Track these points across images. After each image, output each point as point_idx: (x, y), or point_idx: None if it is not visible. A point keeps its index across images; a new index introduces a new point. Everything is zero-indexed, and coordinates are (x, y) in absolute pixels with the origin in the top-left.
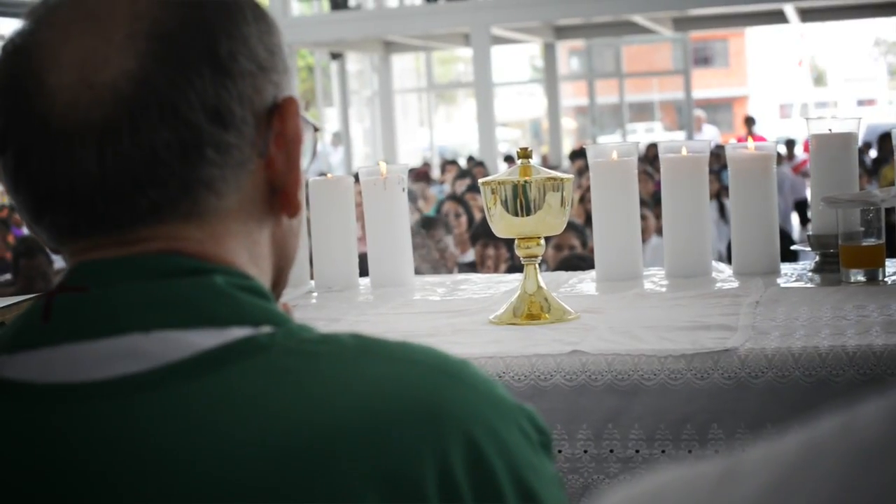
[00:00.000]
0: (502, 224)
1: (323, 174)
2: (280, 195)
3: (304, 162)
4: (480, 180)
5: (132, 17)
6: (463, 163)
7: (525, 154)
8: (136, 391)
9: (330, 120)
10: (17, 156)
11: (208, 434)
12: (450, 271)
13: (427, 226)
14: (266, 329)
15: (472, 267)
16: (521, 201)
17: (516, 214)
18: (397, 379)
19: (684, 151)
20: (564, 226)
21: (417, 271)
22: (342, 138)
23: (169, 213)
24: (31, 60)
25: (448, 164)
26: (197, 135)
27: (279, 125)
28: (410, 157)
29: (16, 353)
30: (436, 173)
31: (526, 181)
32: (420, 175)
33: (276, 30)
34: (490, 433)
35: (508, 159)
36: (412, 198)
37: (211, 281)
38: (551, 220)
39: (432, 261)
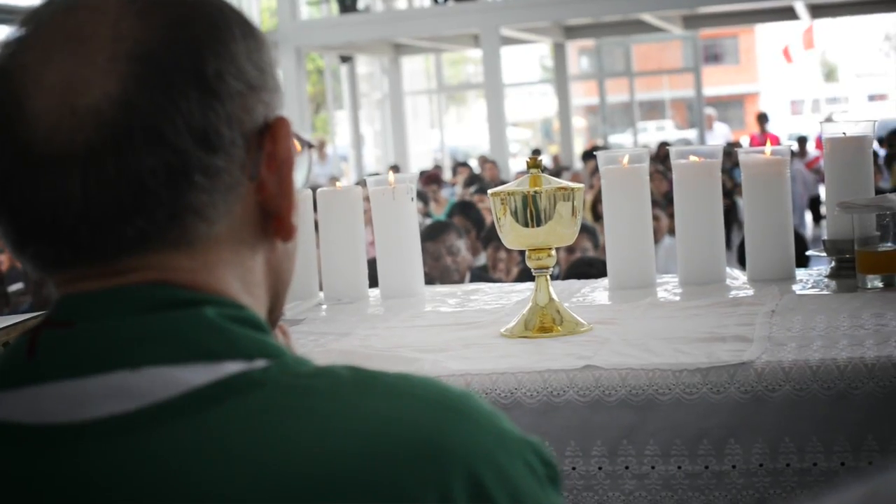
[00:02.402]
0: (512, 235)
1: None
2: (273, 219)
3: (299, 180)
4: (490, 191)
5: (115, 39)
6: (474, 163)
7: (535, 164)
8: (123, 432)
9: (340, 123)
10: None
11: (200, 477)
12: (462, 275)
13: (438, 231)
14: (260, 363)
15: (484, 270)
16: (531, 212)
17: (526, 225)
18: (396, 415)
19: (696, 158)
20: (576, 236)
21: (429, 278)
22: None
23: (157, 242)
24: (11, 84)
25: (459, 165)
26: (184, 160)
27: (270, 146)
28: (421, 159)
29: (1, 391)
30: (447, 175)
31: (536, 191)
32: (431, 178)
33: (266, 46)
34: (494, 469)
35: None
36: (424, 200)
37: (202, 313)
38: (562, 230)
39: (443, 267)
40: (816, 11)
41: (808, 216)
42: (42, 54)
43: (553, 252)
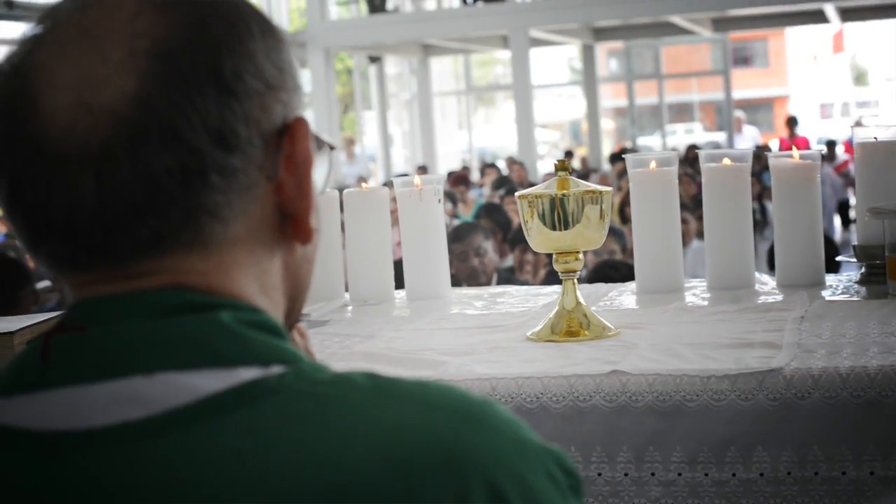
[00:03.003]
0: (540, 238)
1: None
2: (291, 221)
3: (320, 183)
4: (517, 193)
5: (132, 36)
6: (502, 165)
7: (563, 166)
8: (135, 440)
9: (369, 123)
10: (11, 183)
11: (212, 487)
12: (489, 277)
13: (465, 232)
14: (276, 369)
15: (511, 272)
16: (558, 215)
17: (554, 228)
18: (415, 425)
19: (727, 161)
20: (603, 240)
21: (455, 279)
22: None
23: (171, 243)
24: (26, 82)
25: (487, 167)
26: (199, 159)
27: (289, 147)
28: (449, 159)
29: (13, 395)
30: (475, 176)
31: (564, 194)
32: (459, 179)
33: (285, 45)
34: (515, 480)
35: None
36: (452, 201)
37: (217, 317)
38: (590, 233)
39: (470, 269)
40: (846, 15)
41: (837, 220)
42: (57, 51)
43: (581, 256)
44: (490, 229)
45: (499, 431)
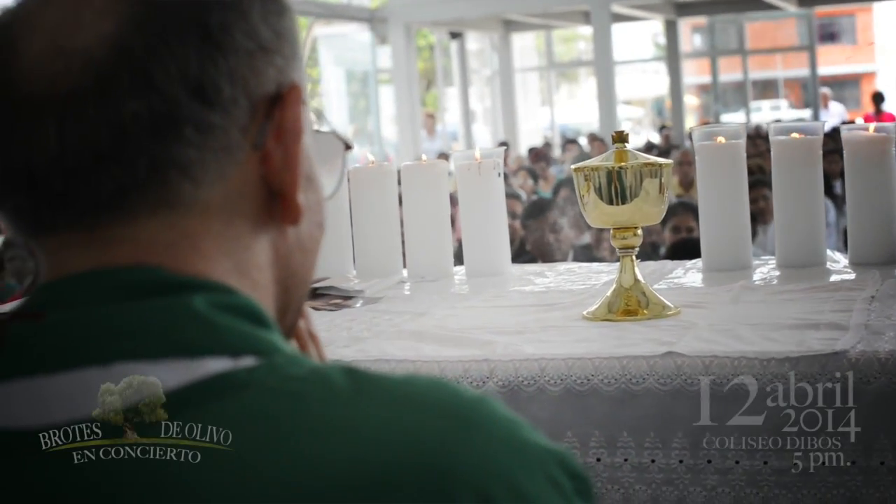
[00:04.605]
0: (596, 213)
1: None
2: (279, 199)
3: (332, 185)
4: (573, 166)
5: None
6: (584, 142)
7: (620, 138)
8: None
9: (451, 99)
10: None
11: (167, 485)
12: (564, 254)
13: (540, 208)
14: (247, 361)
15: (588, 249)
16: (615, 188)
17: (611, 202)
18: (395, 426)
19: (797, 135)
20: (663, 214)
21: (531, 256)
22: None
23: (136, 201)
24: (11, 30)
25: (569, 143)
26: (173, 109)
27: (279, 116)
28: (531, 136)
29: None
30: (557, 153)
31: (621, 167)
32: (539, 155)
33: (287, 13)
34: (509, 488)
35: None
36: (533, 177)
37: (187, 302)
38: (648, 208)
39: (545, 245)
40: None
41: None
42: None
43: (639, 231)
44: (571, 200)
45: (490, 433)
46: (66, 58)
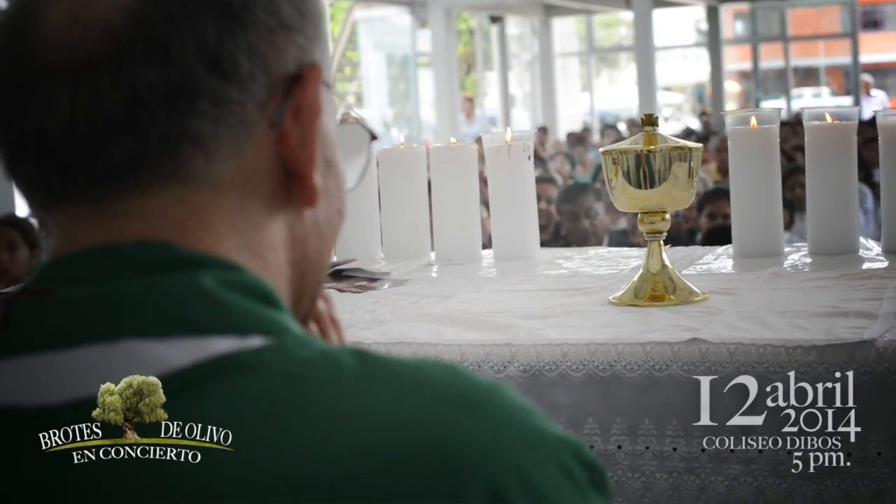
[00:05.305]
0: (624, 197)
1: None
2: (295, 179)
3: (357, 173)
4: (601, 149)
5: None
6: (623, 127)
7: (650, 121)
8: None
9: (491, 84)
10: None
11: (167, 485)
12: (600, 239)
13: (575, 193)
14: (255, 341)
15: (624, 235)
16: (644, 172)
17: (639, 186)
18: (405, 414)
19: (828, 119)
20: (692, 199)
21: (566, 241)
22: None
23: (147, 173)
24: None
25: (607, 128)
26: (189, 80)
27: (299, 94)
28: (571, 121)
29: None
30: (596, 138)
31: (650, 150)
32: (578, 140)
33: None
34: (520, 477)
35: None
36: (571, 162)
37: (197, 279)
38: (677, 192)
39: (580, 230)
40: None
41: None
42: None
43: (667, 216)
44: (602, 191)
45: (502, 421)
46: (84, 26)
